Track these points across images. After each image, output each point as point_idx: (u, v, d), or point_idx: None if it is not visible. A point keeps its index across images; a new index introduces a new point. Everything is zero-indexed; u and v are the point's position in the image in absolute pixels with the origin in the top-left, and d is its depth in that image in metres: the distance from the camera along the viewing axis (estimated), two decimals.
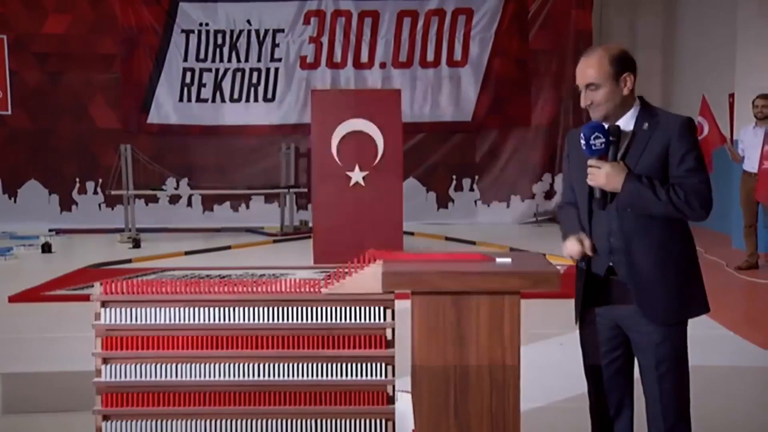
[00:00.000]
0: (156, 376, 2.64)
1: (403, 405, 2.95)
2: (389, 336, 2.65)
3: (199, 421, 2.65)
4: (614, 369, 2.79)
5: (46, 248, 9.35)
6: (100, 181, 12.00)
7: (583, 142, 2.69)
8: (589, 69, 2.69)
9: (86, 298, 2.72)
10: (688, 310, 2.72)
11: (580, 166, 2.76)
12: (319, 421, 2.63)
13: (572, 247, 2.76)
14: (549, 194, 12.34)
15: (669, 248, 2.68)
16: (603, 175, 2.67)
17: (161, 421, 2.65)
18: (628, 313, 2.70)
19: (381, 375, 2.63)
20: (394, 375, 2.64)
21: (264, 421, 2.63)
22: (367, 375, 2.63)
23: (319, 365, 2.63)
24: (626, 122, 2.73)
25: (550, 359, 4.53)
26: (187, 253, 9.08)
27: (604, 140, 2.68)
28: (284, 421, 2.63)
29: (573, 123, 11.79)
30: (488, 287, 2.47)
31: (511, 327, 2.49)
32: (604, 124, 2.73)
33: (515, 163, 12.32)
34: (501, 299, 2.48)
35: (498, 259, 2.60)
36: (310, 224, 9.45)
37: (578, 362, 2.88)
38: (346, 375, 2.63)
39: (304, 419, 2.63)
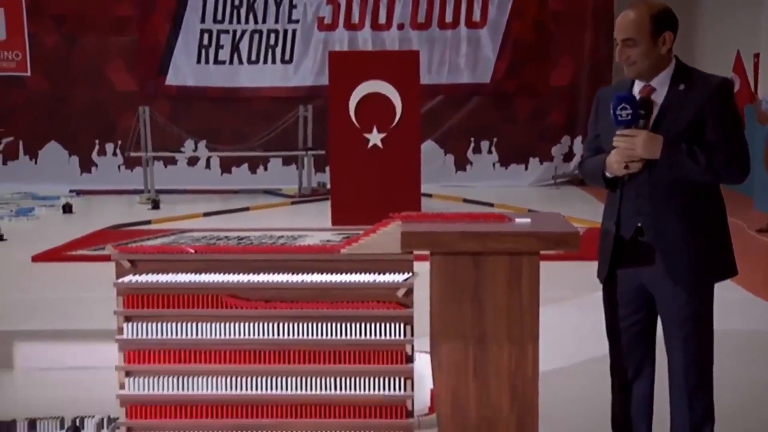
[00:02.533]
0: (178, 335, 2.68)
1: (422, 365, 2.97)
2: (407, 295, 2.65)
3: (220, 379, 2.68)
4: (636, 331, 2.78)
5: (67, 209, 9.43)
6: (119, 143, 12.05)
7: (611, 110, 2.65)
8: (629, 24, 2.63)
9: (106, 258, 2.75)
10: (715, 273, 2.71)
11: (611, 127, 2.70)
12: (338, 380, 2.65)
13: (614, 156, 2.67)
14: (568, 156, 12.27)
15: (698, 211, 2.66)
16: (640, 143, 2.60)
17: (183, 378, 2.69)
18: (655, 275, 2.68)
19: (400, 335, 2.64)
20: (412, 335, 2.65)
21: (284, 379, 2.66)
22: (385, 335, 2.64)
23: (338, 325, 2.65)
24: (661, 82, 2.68)
25: (568, 321, 4.54)
26: (205, 214, 9.12)
27: (630, 112, 2.62)
28: (304, 379, 2.66)
29: (591, 85, 11.71)
30: (507, 248, 2.46)
31: (530, 288, 2.49)
32: (635, 95, 2.67)
33: (534, 126, 12.24)
34: (520, 260, 2.47)
35: (517, 220, 2.59)
36: (328, 186, 9.46)
37: (596, 324, 2.89)
38: (365, 335, 2.65)
39: (324, 378, 2.65)
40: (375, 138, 8.33)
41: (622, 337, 2.79)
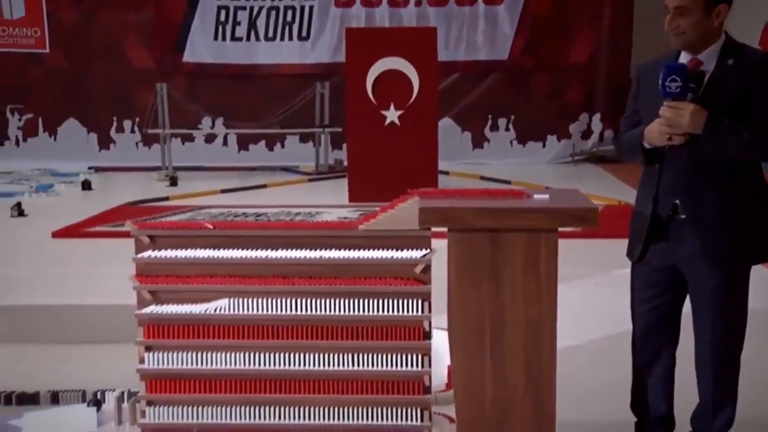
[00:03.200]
0: (199, 310, 2.70)
1: (439, 341, 2.98)
2: (425, 272, 2.66)
3: (239, 354, 2.70)
4: (661, 313, 2.74)
5: (86, 185, 9.49)
6: (137, 120, 12.08)
7: (660, 81, 2.56)
8: None
9: (125, 234, 2.77)
10: (753, 255, 2.65)
11: (656, 100, 2.61)
12: (355, 356, 2.67)
13: (656, 126, 2.59)
14: (586, 134, 12.18)
15: (739, 189, 2.60)
16: (687, 116, 2.51)
17: (202, 353, 2.71)
18: (690, 254, 2.63)
19: (417, 311, 2.65)
20: (430, 311, 2.66)
21: (302, 354, 2.67)
22: (403, 311, 2.65)
23: (356, 301, 2.66)
24: (709, 56, 2.60)
25: (586, 299, 4.53)
26: (223, 191, 9.16)
27: (680, 84, 2.53)
28: (321, 355, 2.67)
29: (610, 62, 11.58)
30: (525, 224, 2.46)
31: (548, 265, 2.48)
32: (686, 65, 2.59)
33: (552, 103, 12.14)
34: (538, 237, 2.47)
35: (535, 196, 2.58)
36: (345, 163, 9.45)
37: (614, 303, 2.88)
38: (383, 311, 2.65)
39: (342, 353, 2.67)
40: (392, 115, 8.31)
41: (646, 318, 2.75)
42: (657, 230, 2.68)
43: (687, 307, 2.77)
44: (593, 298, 4.61)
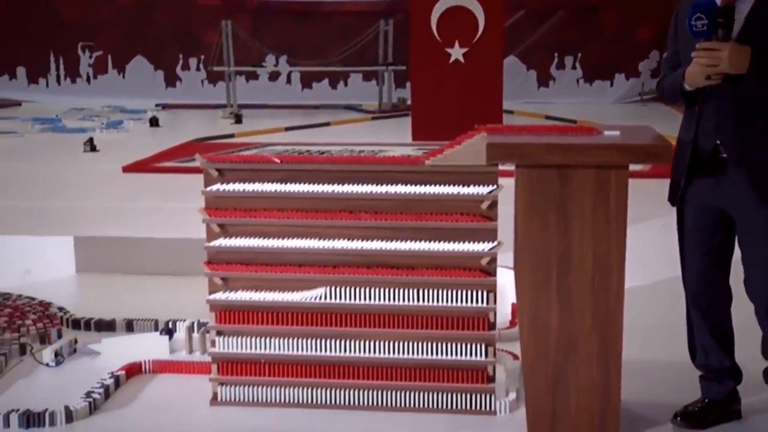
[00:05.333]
0: (265, 244, 2.74)
1: (504, 280, 2.99)
2: (491, 208, 2.65)
3: (305, 287, 2.75)
4: (712, 256, 2.64)
5: (154, 122, 9.66)
6: (202, 57, 12.17)
7: (686, 21, 2.46)
8: None
9: (193, 170, 2.81)
10: None
11: (690, 40, 2.52)
12: (421, 291, 2.69)
13: (695, 67, 2.48)
14: (656, 72, 11.82)
15: None
16: (725, 57, 2.41)
17: (270, 285, 2.77)
18: (735, 192, 2.55)
19: (483, 247, 2.65)
20: (496, 247, 2.66)
21: (367, 289, 2.71)
22: (469, 247, 2.65)
23: (421, 236, 2.67)
24: None
25: (652, 240, 4.46)
26: (287, 129, 9.21)
27: (706, 22, 2.42)
28: (387, 290, 2.70)
29: None
30: (594, 161, 2.42)
31: (618, 203, 2.44)
32: (714, 2, 2.47)
33: (620, 40, 11.80)
34: (608, 174, 2.42)
35: (606, 132, 2.53)
36: (408, 102, 9.38)
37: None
38: (449, 247, 2.66)
39: (407, 289, 2.69)
40: (457, 53, 8.19)
41: (697, 263, 2.68)
42: (698, 171, 2.60)
43: None
44: (660, 239, 4.53)
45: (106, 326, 3.54)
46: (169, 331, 3.32)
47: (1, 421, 2.67)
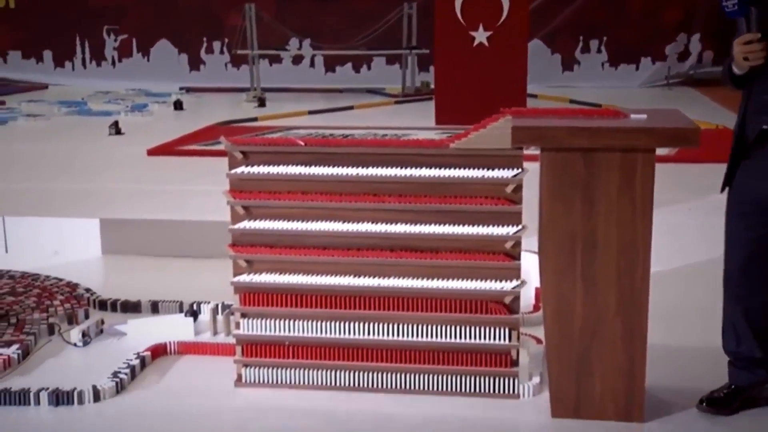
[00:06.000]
0: (289, 227, 2.75)
1: (528, 264, 2.97)
2: (516, 192, 2.63)
3: (330, 271, 2.76)
4: (758, 243, 2.55)
5: (178, 105, 9.71)
6: (226, 41, 12.20)
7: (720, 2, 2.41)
8: None
9: (218, 153, 2.82)
10: None
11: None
12: (445, 274, 2.69)
13: (736, 47, 2.43)
14: (683, 56, 11.68)
15: None
16: (758, 50, 2.36)
17: (294, 267, 2.78)
18: None
19: (507, 231, 2.64)
20: (520, 231, 2.65)
21: (390, 273, 2.71)
22: (493, 231, 2.64)
23: (445, 219, 2.67)
24: None
25: (677, 224, 4.42)
26: (310, 112, 9.22)
27: (735, 2, 2.38)
28: (410, 273, 2.70)
29: None
30: (621, 144, 2.40)
31: (644, 187, 2.42)
32: None
33: (647, 23, 11.65)
34: (634, 157, 2.41)
35: (633, 115, 2.51)
36: (432, 85, 9.35)
37: (707, 229, 2.79)
38: (473, 230, 2.65)
39: (430, 271, 2.69)
40: (481, 36, 8.14)
41: (740, 251, 2.62)
42: (745, 155, 2.54)
43: None
44: (686, 223, 4.50)
45: (132, 308, 3.57)
46: (194, 313, 3.35)
47: (32, 399, 2.72)
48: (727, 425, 2.56)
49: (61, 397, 2.72)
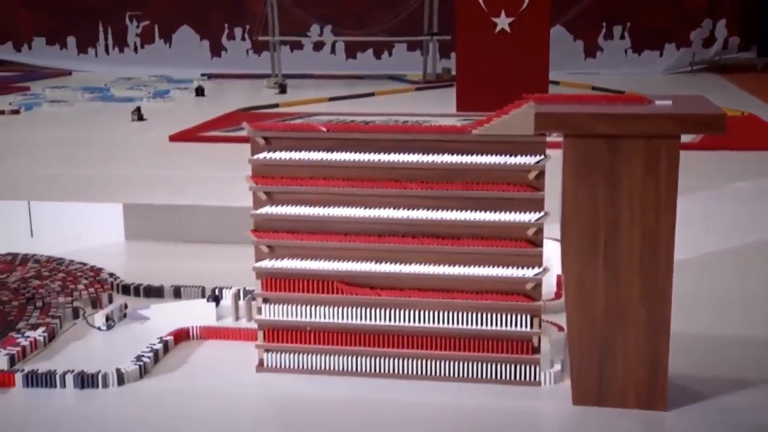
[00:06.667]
0: (311, 212, 2.76)
1: (550, 251, 2.96)
2: (538, 178, 2.62)
3: (352, 257, 2.76)
4: None
5: (200, 92, 9.74)
6: (247, 27, 12.22)
7: None
8: None
9: (239, 139, 2.83)
10: None
11: None
12: (466, 260, 2.69)
13: None
14: (708, 41, 11.55)
15: None
16: None
17: (317, 253, 2.79)
18: None
19: (529, 217, 2.63)
20: (542, 218, 2.64)
21: (411, 259, 2.71)
22: (515, 217, 2.64)
23: (466, 205, 2.66)
24: None
25: (701, 212, 4.39)
26: (331, 99, 9.23)
27: None
28: (431, 259, 2.70)
29: None
30: (645, 130, 2.38)
31: (669, 174, 2.40)
32: None
33: (672, 8, 11.53)
34: (658, 144, 2.39)
35: (657, 102, 2.49)
36: (453, 72, 9.32)
37: (734, 216, 2.76)
38: (494, 217, 2.64)
39: (450, 257, 2.69)
40: (503, 22, 8.10)
41: None
42: None
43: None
44: (710, 211, 4.46)
45: (154, 292, 3.60)
46: (216, 298, 3.37)
47: (58, 381, 2.75)
48: (750, 416, 2.54)
49: (86, 380, 2.76)
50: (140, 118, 7.71)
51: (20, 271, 3.83)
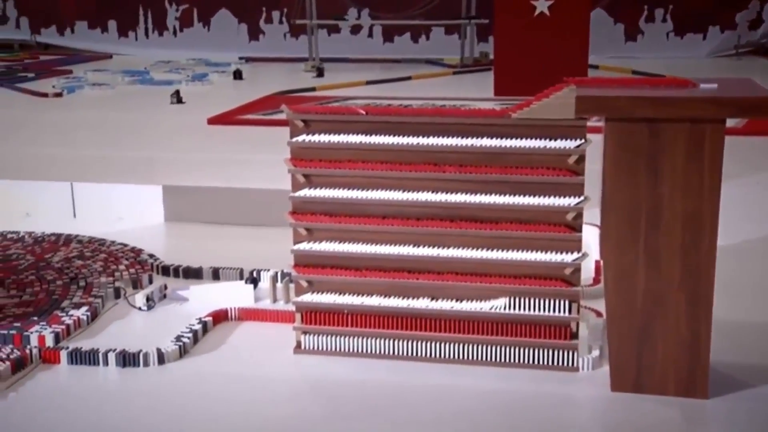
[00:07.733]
0: (349, 195, 2.76)
1: (589, 236, 2.94)
2: (578, 163, 2.60)
3: (389, 243, 2.77)
4: None
5: (237, 75, 9.78)
6: (285, 10, 12.23)
7: None
8: None
9: (277, 122, 2.84)
10: None
11: None
12: (503, 245, 2.67)
13: None
14: (755, 23, 11.28)
15: None
16: None
17: (355, 236, 2.79)
18: None
19: (569, 202, 2.61)
20: (582, 202, 2.61)
21: (450, 243, 2.71)
22: (554, 202, 2.62)
23: (506, 190, 2.65)
24: None
25: (744, 198, 4.31)
26: (368, 82, 9.21)
27: None
28: (469, 243, 2.69)
29: None
30: (688, 114, 2.34)
31: (712, 159, 2.37)
32: None
33: None
34: (702, 128, 2.35)
35: (702, 85, 2.44)
36: (491, 56, 9.25)
37: None
38: (534, 201, 2.63)
39: (489, 242, 2.68)
40: (542, 5, 7.99)
41: None
42: None
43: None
44: (753, 198, 4.38)
45: (193, 274, 3.64)
46: (254, 280, 3.40)
47: (101, 359, 2.80)
48: None
49: (127, 359, 2.80)
50: (179, 101, 7.77)
51: (64, 251, 3.90)
